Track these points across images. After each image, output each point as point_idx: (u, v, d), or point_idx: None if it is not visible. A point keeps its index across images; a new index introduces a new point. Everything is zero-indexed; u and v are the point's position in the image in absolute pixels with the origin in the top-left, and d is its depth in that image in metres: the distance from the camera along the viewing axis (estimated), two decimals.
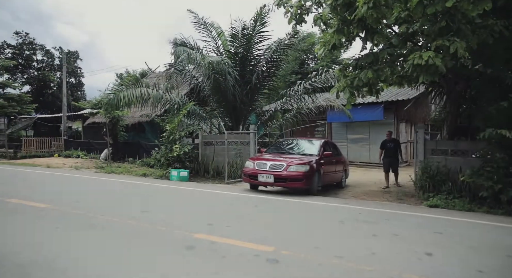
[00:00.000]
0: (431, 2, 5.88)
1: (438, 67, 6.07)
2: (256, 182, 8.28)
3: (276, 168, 8.04)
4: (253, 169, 8.32)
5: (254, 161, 8.50)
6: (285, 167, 7.95)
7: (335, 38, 7.55)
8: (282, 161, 8.18)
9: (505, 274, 3.63)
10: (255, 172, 8.23)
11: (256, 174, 8.17)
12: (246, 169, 8.57)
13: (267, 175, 8.00)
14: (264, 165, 8.20)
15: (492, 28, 6.15)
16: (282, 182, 8.01)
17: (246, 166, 8.65)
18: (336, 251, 4.13)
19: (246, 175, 8.49)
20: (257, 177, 8.13)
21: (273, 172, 7.98)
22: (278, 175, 7.91)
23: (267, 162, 8.22)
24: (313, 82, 12.05)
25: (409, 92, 12.61)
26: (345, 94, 8.20)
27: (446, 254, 4.14)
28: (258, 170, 8.19)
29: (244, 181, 8.75)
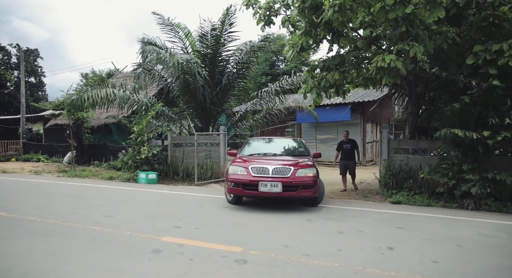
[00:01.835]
0: (392, 7, 6.15)
1: (400, 70, 6.35)
2: (255, 193, 6.25)
3: (281, 173, 6.27)
4: (248, 176, 6.30)
5: (244, 165, 6.53)
6: (292, 172, 6.27)
7: (303, 40, 7.72)
8: (283, 164, 6.51)
9: (455, 262, 3.85)
10: (252, 180, 6.23)
11: (254, 183, 6.20)
12: (234, 177, 6.43)
13: (273, 183, 6.12)
14: (264, 169, 6.31)
15: (446, 35, 6.53)
16: (292, 191, 6.20)
17: (232, 172, 6.53)
18: (305, 249, 4.21)
19: (237, 185, 6.39)
20: (258, 187, 6.16)
21: (279, 178, 6.19)
22: (287, 182, 6.16)
23: (267, 166, 6.37)
24: (282, 84, 12.25)
25: (374, 94, 13.08)
26: (312, 95, 8.39)
27: (406, 248, 4.34)
28: (257, 177, 6.22)
29: (231, 192, 6.68)
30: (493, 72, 6.12)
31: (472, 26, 6.59)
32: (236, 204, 6.89)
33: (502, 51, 5.95)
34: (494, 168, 6.81)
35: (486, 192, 6.52)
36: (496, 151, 7.24)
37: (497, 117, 6.45)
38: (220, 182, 10.56)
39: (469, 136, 6.34)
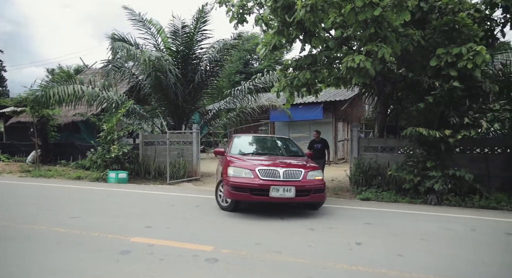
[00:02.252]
0: (362, 9, 6.32)
1: (369, 70, 6.55)
2: (265, 198, 5.63)
3: (293, 176, 5.75)
4: (256, 180, 5.64)
5: (249, 167, 5.84)
6: (303, 175, 5.80)
7: (276, 39, 7.78)
8: (291, 166, 6.01)
9: (418, 255, 4.03)
10: (262, 184, 5.58)
11: (265, 187, 5.56)
12: (238, 180, 5.71)
13: (285, 188, 5.56)
14: (275, 172, 5.70)
15: (412, 37, 6.81)
16: (305, 196, 5.75)
17: (234, 174, 5.83)
18: (276, 246, 4.25)
19: (241, 189, 5.65)
20: (269, 192, 5.56)
21: (291, 182, 5.66)
22: (300, 186, 5.67)
23: (277, 168, 5.76)
24: (256, 82, 12.29)
25: (345, 93, 13.40)
26: (285, 94, 8.48)
27: (373, 243, 4.49)
28: (268, 181, 5.60)
29: (231, 197, 5.89)
30: (454, 74, 6.44)
31: (435, 30, 6.90)
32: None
33: (462, 54, 6.26)
34: (454, 165, 7.19)
35: (447, 188, 6.87)
36: (456, 149, 7.64)
37: (457, 117, 6.80)
38: (193, 181, 10.46)
39: (433, 135, 6.65)
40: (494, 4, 6.89)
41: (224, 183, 6.01)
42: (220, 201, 6.33)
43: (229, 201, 6.10)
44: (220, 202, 6.33)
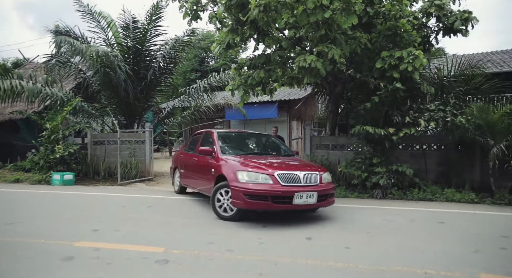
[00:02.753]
0: (313, 11, 6.52)
1: (319, 70, 6.78)
2: (288, 206, 5.14)
3: (311, 180, 5.32)
4: (277, 186, 5.04)
5: (265, 171, 5.16)
6: (319, 178, 5.43)
7: (230, 37, 7.79)
8: (305, 168, 5.52)
9: (364, 247, 4.26)
10: (286, 191, 5.03)
11: (289, 194, 5.03)
12: (256, 187, 5.02)
13: (308, 194, 5.13)
14: (295, 177, 5.19)
15: (360, 40, 7.16)
16: (322, 201, 5.40)
17: (248, 180, 5.11)
18: (229, 245, 4.26)
19: (260, 197, 5.00)
20: (292, 199, 5.05)
21: (312, 187, 5.24)
22: (320, 190, 5.30)
23: (296, 172, 5.26)
24: (211, 81, 12.21)
25: (299, 92, 13.75)
26: (240, 92, 8.53)
27: (323, 237, 4.67)
28: (290, 187, 5.08)
29: (245, 207, 5.12)
30: (396, 76, 6.88)
31: (380, 34, 7.32)
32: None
33: (403, 57, 6.72)
34: (398, 161, 7.70)
35: (391, 182, 7.34)
36: (399, 146, 8.18)
37: (400, 116, 7.29)
38: (146, 181, 10.14)
39: (378, 133, 7.06)
40: (429, 13, 7.48)
41: (232, 189, 5.15)
42: (220, 211, 5.48)
43: (234, 210, 5.30)
44: (220, 212, 5.48)
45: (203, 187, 6.43)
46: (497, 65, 13.33)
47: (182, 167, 7.60)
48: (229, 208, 5.40)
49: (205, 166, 6.18)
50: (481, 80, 7.72)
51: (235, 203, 5.18)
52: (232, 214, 5.39)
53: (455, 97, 7.62)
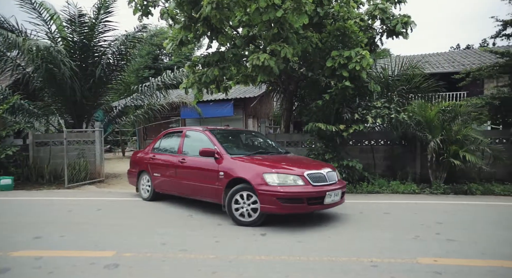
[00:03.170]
0: (265, 10, 6.60)
1: (273, 69, 6.89)
2: (320, 207, 5.08)
3: (333, 178, 5.30)
4: (309, 187, 4.88)
5: (295, 172, 4.97)
6: (337, 175, 5.51)
7: (182, 34, 7.65)
8: (321, 166, 5.44)
9: (315, 240, 4.41)
10: (319, 192, 4.91)
11: (321, 195, 4.92)
12: (290, 189, 4.78)
13: (335, 192, 5.10)
14: (321, 176, 5.11)
15: (311, 40, 7.38)
16: (341, 198, 5.39)
17: (280, 183, 4.81)
18: (183, 244, 4.20)
19: (296, 200, 4.79)
20: (324, 199, 4.94)
21: (335, 185, 5.21)
22: (342, 188, 5.36)
23: (321, 171, 5.18)
24: (164, 78, 11.90)
25: (254, 90, 13.88)
26: (194, 90, 8.41)
27: (277, 232, 4.76)
28: (321, 187, 4.97)
29: (284, 212, 4.85)
30: (345, 75, 7.20)
31: (330, 34, 7.60)
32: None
33: (351, 57, 7.04)
34: (348, 156, 8.06)
35: (342, 177, 7.66)
36: (350, 142, 8.57)
37: (349, 113, 7.64)
38: (96, 183, 9.65)
39: (330, 129, 7.34)
40: (374, 16, 7.91)
41: (260, 194, 4.81)
42: (239, 216, 5.08)
43: (255, 215, 4.98)
44: (239, 217, 5.08)
45: (203, 193, 5.69)
46: (433, 66, 14.46)
47: (155, 171, 6.68)
48: (248, 213, 5.02)
49: (206, 170, 5.58)
50: (420, 80, 8.33)
51: (265, 208, 4.81)
52: (254, 219, 5.00)
53: (398, 95, 8.15)
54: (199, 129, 6.43)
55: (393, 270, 3.46)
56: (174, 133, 6.94)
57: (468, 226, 4.92)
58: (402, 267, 3.54)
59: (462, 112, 7.59)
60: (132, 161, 7.70)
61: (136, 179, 7.29)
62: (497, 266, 3.57)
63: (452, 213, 5.83)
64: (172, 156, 6.43)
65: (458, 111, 7.60)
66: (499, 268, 3.53)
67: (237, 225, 5.07)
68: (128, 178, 7.79)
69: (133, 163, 7.61)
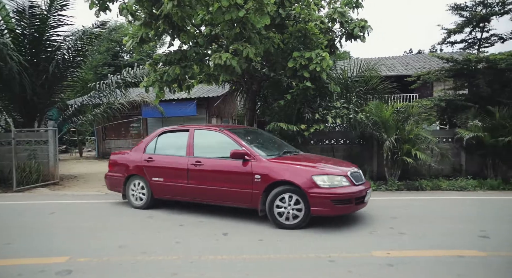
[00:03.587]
0: (228, 9, 6.58)
1: (235, 68, 6.89)
2: (362, 205, 5.12)
3: (363, 177, 5.45)
4: (354, 187, 4.88)
5: (341, 173, 4.93)
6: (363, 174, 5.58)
7: (143, 31, 7.44)
8: (350, 165, 5.53)
9: (276, 238, 4.48)
10: (361, 191, 4.95)
11: (363, 194, 4.97)
12: (340, 191, 4.73)
13: (369, 190, 5.21)
14: (359, 175, 5.20)
15: (273, 40, 7.48)
16: None
17: (331, 185, 4.73)
18: (142, 247, 4.10)
19: (348, 201, 4.77)
20: (365, 198, 5.03)
21: (367, 184, 5.38)
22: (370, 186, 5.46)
23: (358, 170, 5.30)
24: (124, 76, 11.50)
25: (218, 90, 13.80)
26: (155, 89, 8.21)
27: (239, 232, 4.78)
28: (362, 186, 5.04)
29: (336, 213, 4.88)
30: (306, 75, 7.37)
31: (291, 35, 7.74)
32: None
33: (312, 58, 7.22)
34: None
35: None
36: (311, 141, 8.79)
37: (310, 113, 7.83)
38: (50, 186, 9.11)
39: (291, 129, 7.48)
40: (333, 19, 8.17)
41: (312, 196, 4.68)
42: (283, 220, 4.87)
43: (300, 217, 4.81)
44: (283, 221, 4.86)
45: (230, 198, 5.29)
46: (389, 69, 15.24)
47: (155, 175, 5.94)
48: (293, 216, 4.85)
49: (234, 173, 5.20)
50: (377, 82, 8.72)
51: (317, 211, 4.73)
52: (298, 222, 4.83)
53: (356, 96, 8.47)
54: (214, 128, 5.97)
55: (349, 264, 3.61)
56: (176, 133, 6.28)
57: (418, 220, 5.23)
58: (358, 261, 3.70)
59: (414, 113, 8.05)
60: (113, 164, 6.59)
61: (123, 185, 6.29)
62: (444, 255, 3.84)
63: (404, 208, 6.17)
64: (180, 158, 5.73)
65: (410, 112, 8.06)
66: (445, 257, 3.80)
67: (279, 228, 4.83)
68: (108, 184, 6.70)
69: (116, 166, 6.52)
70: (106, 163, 13.15)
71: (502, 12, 13.03)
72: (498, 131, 7.75)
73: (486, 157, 8.16)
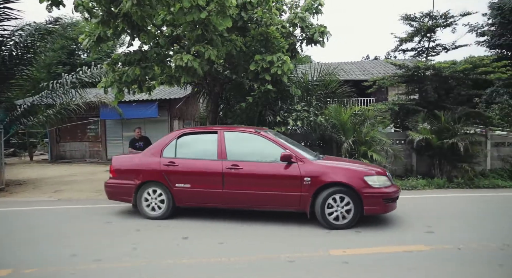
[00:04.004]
0: (189, 11, 6.51)
1: (197, 70, 6.83)
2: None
3: None
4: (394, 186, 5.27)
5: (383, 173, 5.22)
6: None
7: (100, 29, 7.16)
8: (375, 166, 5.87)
9: (236, 240, 4.51)
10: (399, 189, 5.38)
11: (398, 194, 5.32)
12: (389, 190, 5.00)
13: None
14: (390, 176, 5.51)
15: (235, 43, 7.50)
16: None
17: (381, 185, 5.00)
18: (96, 254, 3.93)
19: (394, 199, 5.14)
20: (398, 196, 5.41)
21: None
22: None
23: None
24: (81, 75, 10.96)
25: (180, 92, 13.56)
26: (113, 90, 7.92)
27: (199, 235, 4.73)
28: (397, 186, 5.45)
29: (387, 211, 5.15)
30: (268, 78, 7.46)
31: (253, 38, 7.82)
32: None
33: (273, 61, 7.33)
34: None
35: None
36: None
37: (272, 115, 7.94)
38: None
39: None
40: (294, 24, 8.37)
41: (366, 196, 4.83)
42: (332, 220, 4.93)
43: (349, 217, 4.91)
44: (334, 222, 4.93)
45: (277, 202, 5.15)
46: (348, 74, 15.86)
47: (180, 181, 5.44)
48: (342, 216, 4.92)
49: (281, 176, 5.09)
50: (336, 86, 9.04)
51: (370, 210, 4.89)
52: (348, 221, 4.92)
53: (317, 99, 8.72)
54: (249, 130, 5.74)
55: (308, 264, 3.70)
56: (199, 135, 5.98)
57: (373, 219, 5.45)
58: (316, 260, 3.81)
59: (370, 116, 8.44)
60: (118, 170, 5.82)
61: (134, 193, 5.61)
62: (397, 251, 4.06)
63: None
64: (212, 162, 5.34)
65: (367, 115, 8.43)
66: (396, 253, 4.02)
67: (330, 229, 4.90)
68: (110, 192, 5.88)
69: (122, 173, 5.79)
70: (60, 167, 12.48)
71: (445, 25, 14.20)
72: (443, 133, 8.33)
73: (433, 158, 8.73)
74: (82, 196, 7.73)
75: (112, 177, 5.87)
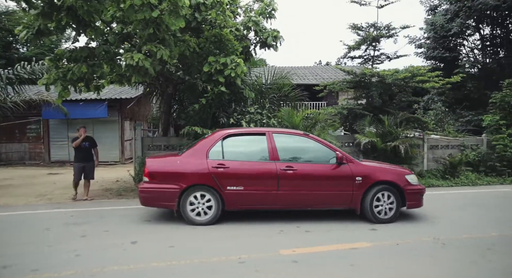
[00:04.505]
0: (140, 8, 6.30)
1: (148, 70, 6.63)
2: None
3: None
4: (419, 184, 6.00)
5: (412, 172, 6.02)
6: None
7: (40, 22, 6.67)
8: None
9: (187, 243, 4.46)
10: None
11: None
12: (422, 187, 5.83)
13: None
14: None
15: (189, 43, 7.41)
16: None
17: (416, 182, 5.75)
18: (34, 264, 3.67)
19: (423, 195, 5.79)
20: None
21: None
22: None
23: None
24: (19, 71, 10.11)
25: (132, 91, 13.06)
26: (57, 88, 7.43)
27: (149, 239, 4.61)
28: None
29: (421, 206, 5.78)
30: (221, 80, 7.46)
31: (207, 39, 7.78)
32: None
33: (227, 63, 7.36)
34: None
35: None
36: None
37: (225, 117, 7.94)
38: None
39: (206, 133, 7.44)
40: (248, 27, 8.49)
41: (409, 193, 5.48)
42: (379, 215, 5.42)
43: (391, 212, 5.46)
44: (381, 216, 5.42)
45: (330, 201, 5.51)
46: (300, 78, 16.36)
47: (232, 183, 5.24)
48: (385, 211, 5.44)
49: (335, 177, 5.40)
50: (289, 89, 9.29)
51: (411, 205, 5.58)
52: (393, 215, 5.47)
53: (270, 102, 8.88)
54: (297, 132, 5.96)
55: (258, 264, 3.76)
56: (246, 136, 5.85)
57: (323, 218, 5.66)
58: (266, 260, 3.89)
59: (320, 119, 8.77)
60: (156, 173, 5.35)
61: (178, 198, 5.22)
62: (347, 248, 4.27)
63: None
64: (265, 163, 5.32)
65: (317, 118, 8.75)
66: (342, 250, 4.22)
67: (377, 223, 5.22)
68: (147, 198, 5.41)
69: (162, 176, 5.34)
70: None
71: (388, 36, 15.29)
72: (387, 137, 8.91)
73: (378, 159, 9.26)
74: (20, 201, 7.16)
75: (147, 181, 5.35)
